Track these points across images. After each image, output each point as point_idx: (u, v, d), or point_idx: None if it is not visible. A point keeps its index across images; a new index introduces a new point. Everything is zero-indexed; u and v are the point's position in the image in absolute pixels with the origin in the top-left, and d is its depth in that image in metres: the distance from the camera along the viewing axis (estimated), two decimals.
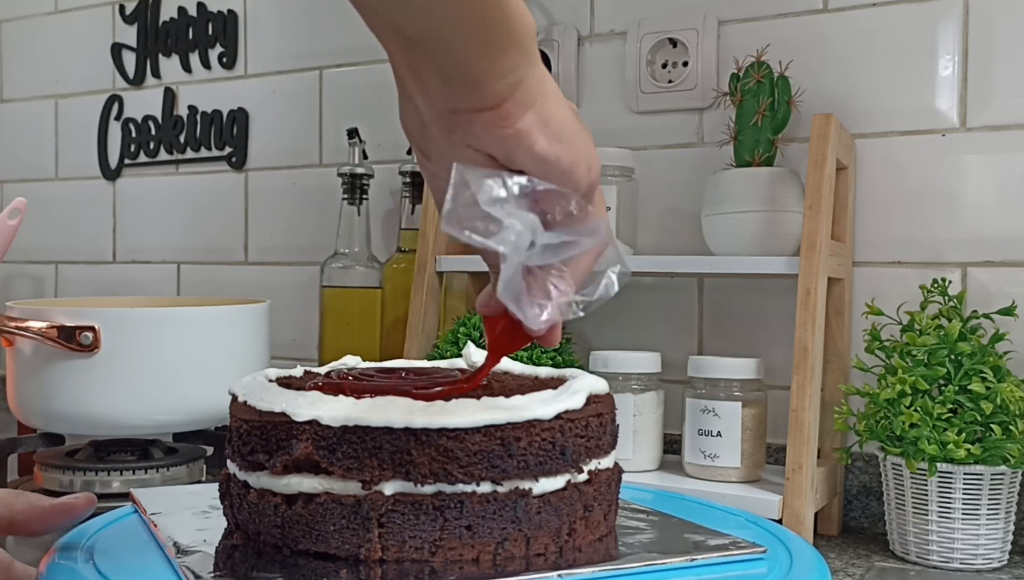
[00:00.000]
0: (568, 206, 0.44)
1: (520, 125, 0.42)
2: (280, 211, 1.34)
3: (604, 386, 0.56)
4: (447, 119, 0.43)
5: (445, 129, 0.43)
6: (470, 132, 0.43)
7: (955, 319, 0.83)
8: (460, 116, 0.42)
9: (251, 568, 0.48)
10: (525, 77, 0.42)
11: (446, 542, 0.48)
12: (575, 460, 0.50)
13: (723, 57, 1.03)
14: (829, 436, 0.91)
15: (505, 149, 0.43)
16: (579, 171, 0.44)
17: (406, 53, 0.42)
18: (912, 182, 0.94)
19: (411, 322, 1.02)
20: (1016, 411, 0.78)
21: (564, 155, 0.43)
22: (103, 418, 0.94)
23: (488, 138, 0.43)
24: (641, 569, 0.49)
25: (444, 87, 0.42)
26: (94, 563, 0.50)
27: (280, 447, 0.49)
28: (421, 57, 0.42)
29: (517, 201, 0.42)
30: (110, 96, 1.48)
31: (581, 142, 0.44)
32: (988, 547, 0.80)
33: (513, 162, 0.43)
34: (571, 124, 0.44)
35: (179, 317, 0.97)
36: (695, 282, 1.05)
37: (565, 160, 0.43)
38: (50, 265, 1.56)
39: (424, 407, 0.48)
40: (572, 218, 0.44)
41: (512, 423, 0.48)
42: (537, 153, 0.43)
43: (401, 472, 0.47)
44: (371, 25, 0.42)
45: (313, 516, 0.48)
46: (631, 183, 1.01)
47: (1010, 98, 0.91)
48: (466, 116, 0.42)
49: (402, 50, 0.42)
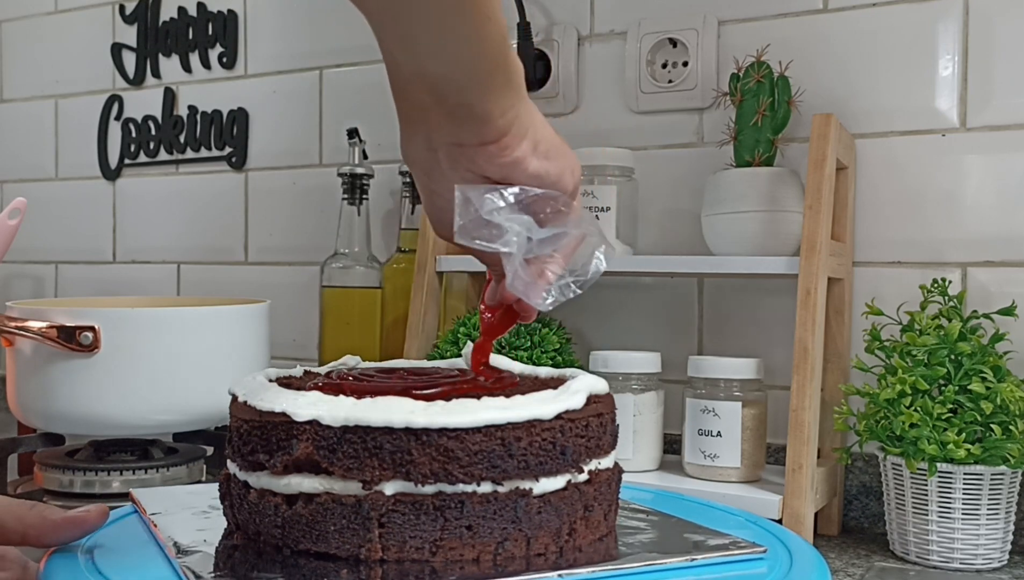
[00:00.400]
0: (557, 206, 0.52)
1: (517, 154, 0.49)
2: (280, 211, 1.34)
3: (604, 386, 0.56)
4: (451, 150, 0.49)
5: (449, 158, 0.50)
6: (475, 161, 0.49)
7: (955, 319, 0.83)
8: (466, 149, 0.49)
9: (251, 568, 0.48)
10: (520, 111, 0.49)
11: (446, 542, 0.48)
12: (575, 460, 0.51)
13: (723, 57, 1.03)
14: (829, 436, 0.91)
15: (503, 173, 0.50)
16: (565, 178, 0.52)
17: (424, 96, 0.48)
18: (912, 182, 0.94)
19: (411, 322, 1.02)
20: (1016, 411, 0.78)
21: (553, 169, 0.51)
22: (103, 418, 0.94)
23: (490, 166, 0.50)
24: (641, 569, 0.49)
25: (453, 125, 0.48)
26: (94, 563, 0.50)
27: (280, 447, 0.49)
28: (434, 99, 0.48)
29: (512, 208, 0.50)
30: (110, 96, 1.48)
31: (564, 155, 0.52)
32: (988, 547, 0.80)
33: (510, 181, 0.50)
34: (555, 142, 0.52)
35: (179, 317, 0.97)
36: (695, 282, 1.05)
37: (554, 173, 0.51)
38: (50, 265, 1.56)
39: (424, 407, 0.48)
40: (560, 214, 0.52)
41: (512, 423, 0.48)
42: (531, 173, 0.50)
43: (401, 472, 0.47)
44: (396, 79, 0.49)
45: (313, 516, 0.48)
46: (631, 183, 1.01)
47: (1010, 98, 0.91)
48: (472, 149, 0.49)
49: (423, 94, 0.48)
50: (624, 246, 0.99)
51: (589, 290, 0.55)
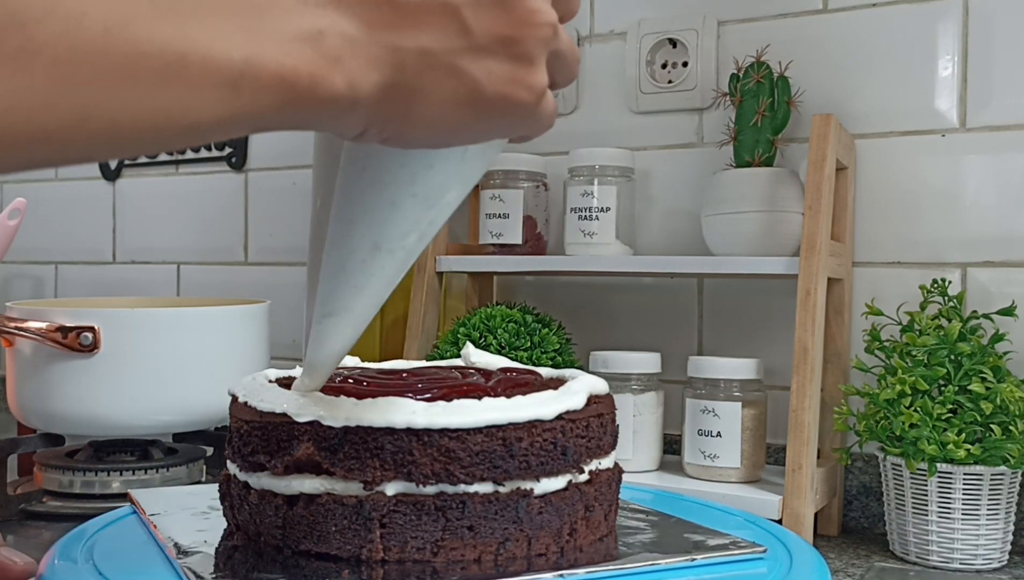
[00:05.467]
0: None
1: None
2: (280, 211, 1.34)
3: (604, 386, 0.56)
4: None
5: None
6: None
7: (955, 319, 0.83)
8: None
9: (252, 569, 0.48)
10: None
11: (448, 542, 0.48)
12: (576, 460, 0.51)
13: (723, 57, 1.03)
14: (829, 436, 0.91)
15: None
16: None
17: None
18: (912, 182, 0.94)
19: (411, 322, 1.02)
20: (1016, 411, 0.78)
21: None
22: (103, 418, 0.94)
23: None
24: (642, 569, 0.49)
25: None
26: (94, 563, 0.50)
27: (281, 448, 0.49)
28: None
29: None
30: None
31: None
32: (988, 547, 0.80)
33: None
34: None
35: (179, 317, 0.97)
36: (695, 282, 1.05)
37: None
38: (50, 265, 1.56)
39: (426, 407, 0.48)
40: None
41: (513, 423, 0.48)
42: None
43: (403, 473, 0.47)
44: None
45: (314, 517, 0.48)
46: (631, 183, 1.01)
47: (1010, 98, 0.91)
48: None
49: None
50: (624, 246, 0.99)
51: (589, 290, 0.55)
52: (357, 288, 0.45)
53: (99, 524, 0.58)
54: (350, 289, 0.45)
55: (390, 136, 0.38)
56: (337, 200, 0.44)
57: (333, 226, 0.45)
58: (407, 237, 0.44)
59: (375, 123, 0.37)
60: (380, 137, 0.38)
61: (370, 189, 0.43)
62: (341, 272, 0.45)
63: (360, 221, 0.44)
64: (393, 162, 0.43)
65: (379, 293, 0.46)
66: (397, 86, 0.36)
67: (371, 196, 0.43)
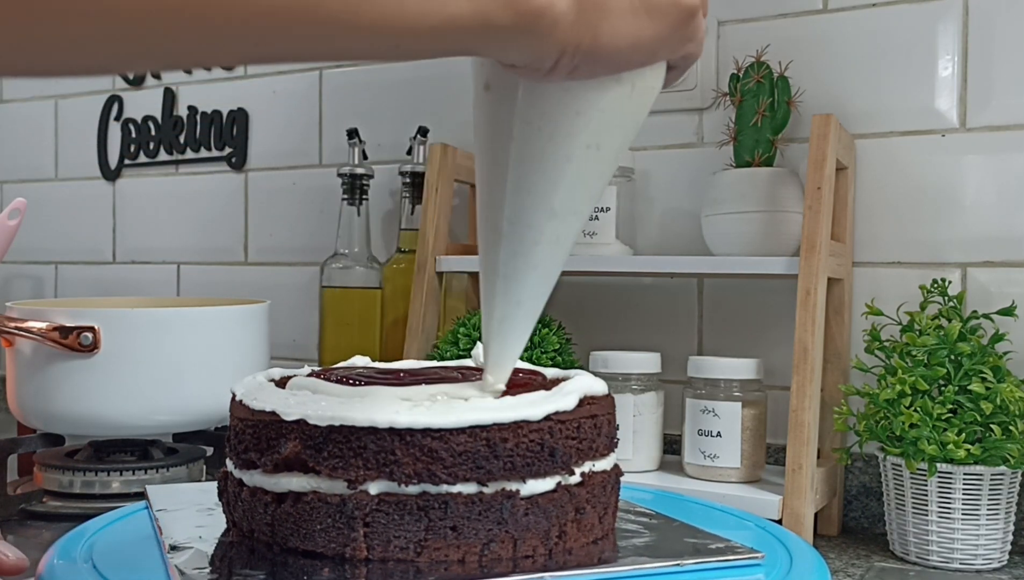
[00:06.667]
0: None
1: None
2: (280, 211, 1.34)
3: (602, 387, 0.55)
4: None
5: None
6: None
7: (955, 319, 0.83)
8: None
9: (242, 565, 0.49)
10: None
11: (431, 542, 0.47)
12: (566, 462, 0.50)
13: (723, 57, 1.03)
14: (829, 436, 0.91)
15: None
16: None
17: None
18: (912, 182, 0.94)
19: (411, 322, 1.02)
20: (1016, 411, 0.78)
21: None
22: (103, 418, 0.94)
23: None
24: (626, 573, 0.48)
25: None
26: (93, 563, 0.50)
27: (270, 446, 0.49)
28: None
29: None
30: (110, 96, 1.48)
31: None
32: (988, 547, 0.79)
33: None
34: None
35: (179, 317, 0.97)
36: (695, 282, 1.05)
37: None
38: (50, 265, 1.56)
39: (409, 407, 0.48)
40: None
41: (498, 423, 0.48)
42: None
43: (385, 472, 0.47)
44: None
45: (301, 515, 0.48)
46: (631, 183, 1.01)
47: (1010, 98, 0.91)
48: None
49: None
50: (624, 246, 0.99)
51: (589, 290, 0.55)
52: (536, 268, 0.48)
53: (99, 524, 0.58)
54: (529, 269, 0.48)
55: (580, 61, 0.40)
56: (513, 174, 0.46)
57: (509, 206, 0.47)
58: (580, 197, 0.47)
59: (568, 46, 0.39)
60: (572, 64, 0.40)
61: (548, 145, 0.45)
62: (519, 253, 0.48)
63: (536, 186, 0.46)
64: (568, 112, 0.45)
65: (554, 266, 0.49)
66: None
67: (548, 154, 0.45)
